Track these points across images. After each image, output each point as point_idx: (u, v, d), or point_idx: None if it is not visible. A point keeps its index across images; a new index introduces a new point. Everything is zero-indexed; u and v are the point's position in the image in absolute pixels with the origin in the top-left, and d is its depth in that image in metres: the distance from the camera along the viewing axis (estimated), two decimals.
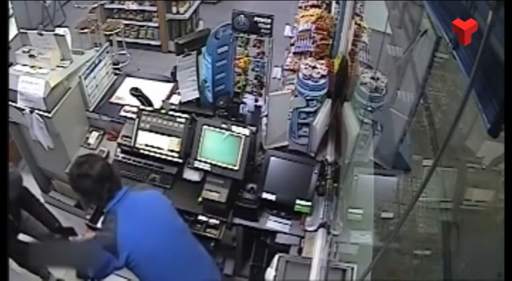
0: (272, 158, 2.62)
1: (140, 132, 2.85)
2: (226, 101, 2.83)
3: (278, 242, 2.66)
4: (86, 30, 5.18)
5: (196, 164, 2.68)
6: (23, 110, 2.88)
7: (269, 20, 2.86)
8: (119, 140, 2.96)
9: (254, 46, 3.05)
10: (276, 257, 2.23)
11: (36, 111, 2.85)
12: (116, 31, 5.45)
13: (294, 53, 3.12)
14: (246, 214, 2.68)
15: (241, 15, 2.86)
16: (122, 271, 3.17)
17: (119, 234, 1.87)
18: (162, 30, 5.85)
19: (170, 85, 3.30)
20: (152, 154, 2.83)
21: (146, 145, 2.84)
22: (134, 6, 5.74)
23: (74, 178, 1.93)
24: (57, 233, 2.70)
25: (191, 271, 2.07)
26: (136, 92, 2.98)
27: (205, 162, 2.67)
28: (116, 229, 1.88)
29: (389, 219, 2.44)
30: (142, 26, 5.95)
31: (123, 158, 2.96)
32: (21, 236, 2.74)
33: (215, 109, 2.82)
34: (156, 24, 5.84)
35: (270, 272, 2.18)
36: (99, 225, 2.60)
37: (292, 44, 3.28)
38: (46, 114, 2.85)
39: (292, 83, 2.76)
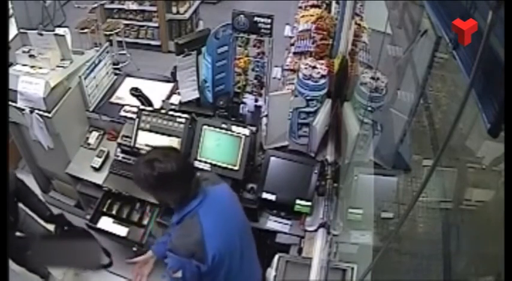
0: (272, 158, 2.62)
1: (140, 133, 2.85)
2: (226, 101, 2.83)
3: (278, 242, 2.66)
4: (86, 30, 5.17)
5: (196, 164, 2.68)
6: (23, 110, 2.88)
7: (269, 20, 2.86)
8: (119, 140, 2.96)
9: (254, 46, 3.04)
10: (276, 257, 2.23)
11: (36, 111, 2.85)
12: (116, 31, 5.45)
13: (294, 53, 3.12)
14: (246, 214, 2.68)
15: (241, 15, 2.86)
16: (122, 271, 3.20)
17: (205, 236, 1.74)
18: (162, 30, 5.85)
19: (170, 85, 3.30)
20: None
21: (146, 145, 2.84)
22: (134, 6, 5.73)
23: (154, 177, 1.69)
24: (49, 223, 2.71)
25: (252, 265, 2.05)
26: (136, 92, 2.98)
27: (205, 162, 2.67)
28: (202, 232, 1.74)
29: (389, 219, 2.44)
30: (142, 26, 5.95)
31: (123, 158, 2.96)
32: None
33: (215, 109, 2.82)
34: (156, 24, 5.84)
35: (270, 272, 2.18)
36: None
37: (292, 44, 3.28)
38: (46, 114, 2.85)
39: (292, 83, 2.76)
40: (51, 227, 2.72)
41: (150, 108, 2.90)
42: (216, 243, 1.77)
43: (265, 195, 2.56)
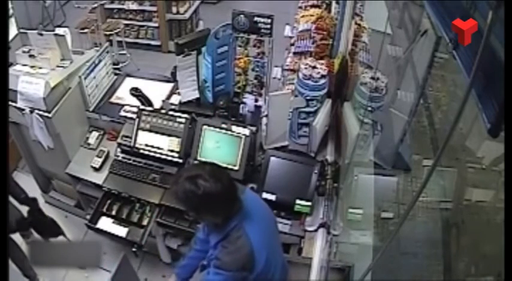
0: (272, 158, 2.61)
1: (140, 132, 2.85)
2: (226, 101, 2.83)
3: None
4: (86, 30, 5.17)
5: None
6: (23, 110, 2.88)
7: (269, 20, 2.86)
8: (119, 140, 2.96)
9: (254, 46, 3.05)
10: None
11: (36, 111, 2.85)
12: (116, 31, 5.45)
13: (294, 53, 3.12)
14: None
15: (241, 15, 2.86)
16: None
17: (254, 246, 1.71)
18: (162, 30, 5.85)
19: (170, 85, 3.30)
20: (152, 154, 2.84)
21: (146, 145, 2.84)
22: (134, 6, 5.73)
23: (197, 195, 1.61)
24: (23, 204, 2.70)
25: (282, 259, 2.06)
26: (136, 92, 2.98)
27: (205, 162, 2.67)
28: (251, 244, 1.70)
29: (389, 219, 2.44)
30: (142, 26, 5.94)
31: (123, 158, 2.96)
32: None
33: (215, 109, 2.82)
34: (156, 24, 5.84)
35: None
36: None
37: (292, 44, 3.28)
38: (46, 114, 2.85)
39: (292, 83, 2.76)
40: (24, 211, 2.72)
41: (150, 108, 2.90)
42: (264, 250, 1.75)
43: (265, 195, 2.56)
